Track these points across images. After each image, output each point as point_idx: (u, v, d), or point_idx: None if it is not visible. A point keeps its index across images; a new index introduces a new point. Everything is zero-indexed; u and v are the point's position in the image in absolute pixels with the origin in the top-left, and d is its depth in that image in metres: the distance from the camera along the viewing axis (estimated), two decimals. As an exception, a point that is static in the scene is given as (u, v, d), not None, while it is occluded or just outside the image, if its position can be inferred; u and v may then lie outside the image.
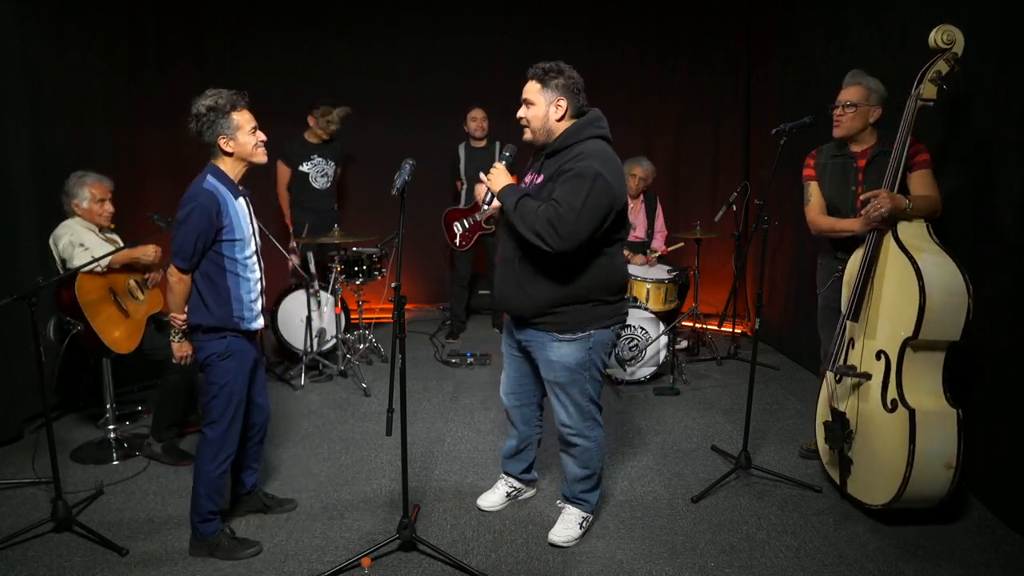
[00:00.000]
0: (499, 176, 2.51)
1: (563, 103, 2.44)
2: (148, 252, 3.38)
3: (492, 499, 2.95)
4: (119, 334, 3.26)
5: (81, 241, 3.24)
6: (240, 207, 2.51)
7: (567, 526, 2.70)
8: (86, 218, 3.36)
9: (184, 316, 2.53)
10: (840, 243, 3.09)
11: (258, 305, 2.61)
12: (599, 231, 2.35)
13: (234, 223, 2.47)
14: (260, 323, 2.63)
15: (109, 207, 3.42)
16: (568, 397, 2.57)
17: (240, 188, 2.54)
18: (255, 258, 2.60)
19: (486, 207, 2.55)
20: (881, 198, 2.67)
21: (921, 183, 2.82)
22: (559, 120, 2.46)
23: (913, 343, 2.61)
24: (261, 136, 2.57)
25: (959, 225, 3.06)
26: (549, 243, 2.30)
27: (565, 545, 2.66)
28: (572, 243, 2.29)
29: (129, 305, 3.36)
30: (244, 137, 2.50)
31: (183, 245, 2.40)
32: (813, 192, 3.17)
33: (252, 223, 2.59)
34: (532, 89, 2.46)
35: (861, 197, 2.82)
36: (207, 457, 2.53)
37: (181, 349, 2.61)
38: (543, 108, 2.45)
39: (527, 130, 2.52)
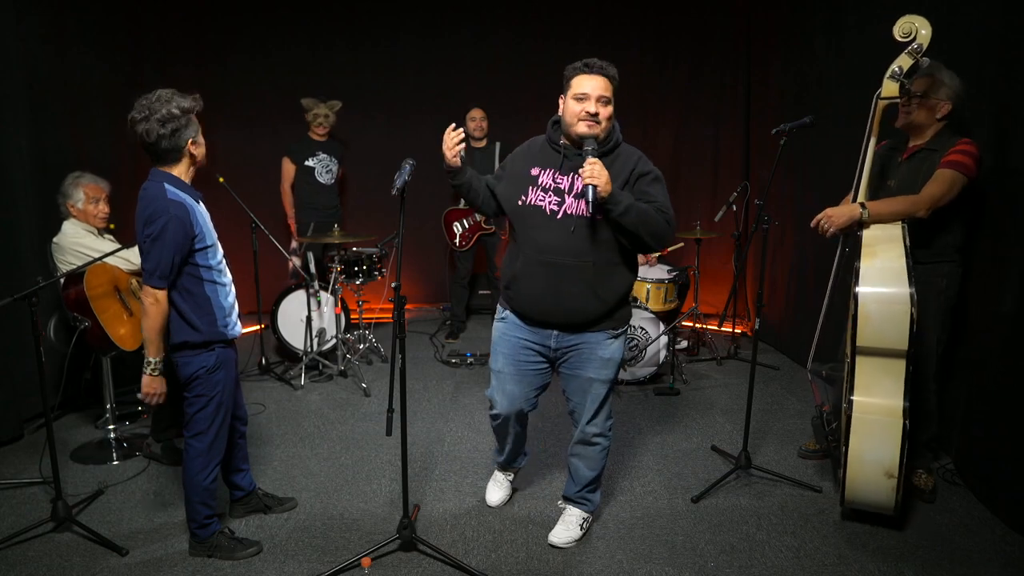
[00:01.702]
0: (607, 175, 2.27)
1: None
2: None
3: (498, 495, 2.98)
4: (124, 331, 3.27)
5: (85, 246, 3.29)
6: (204, 211, 2.43)
7: (568, 527, 2.71)
8: (81, 219, 3.37)
9: (159, 348, 2.36)
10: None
11: (236, 309, 2.56)
12: None
13: (204, 230, 2.38)
14: (240, 328, 2.57)
15: (104, 208, 3.43)
16: (605, 396, 2.60)
17: (197, 192, 2.45)
18: (225, 261, 2.52)
19: (591, 201, 2.26)
20: (821, 224, 2.73)
21: (933, 180, 2.68)
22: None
23: (858, 348, 2.57)
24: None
25: (964, 230, 3.05)
26: (664, 242, 2.44)
27: (566, 546, 2.66)
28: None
29: (132, 304, 3.37)
30: (201, 138, 2.40)
31: (160, 263, 2.26)
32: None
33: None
34: (609, 89, 2.38)
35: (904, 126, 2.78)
36: (197, 467, 2.49)
37: (153, 385, 2.39)
38: (611, 106, 2.40)
39: (595, 127, 2.36)
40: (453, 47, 5.95)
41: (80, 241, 3.33)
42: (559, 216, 2.42)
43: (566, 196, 2.41)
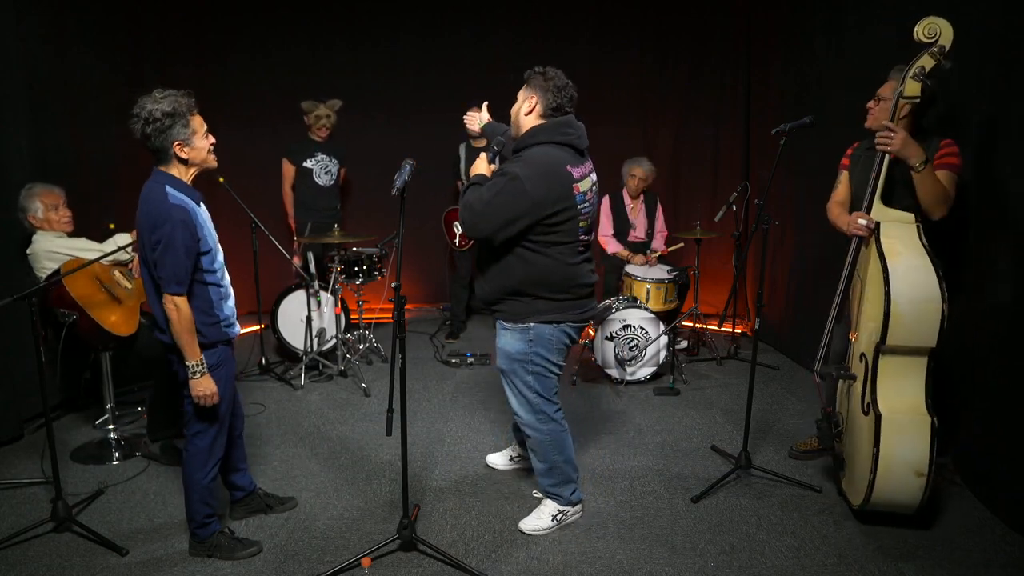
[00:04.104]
0: (479, 164, 2.67)
1: (533, 100, 2.57)
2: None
3: (498, 459, 3.27)
4: (116, 319, 3.25)
5: (59, 246, 3.30)
6: (204, 214, 2.42)
7: (538, 517, 2.79)
8: (46, 228, 3.38)
9: (195, 350, 2.35)
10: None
11: (235, 311, 2.56)
12: (511, 228, 2.46)
13: (205, 233, 2.37)
14: (239, 328, 2.58)
15: (65, 212, 3.43)
16: (512, 385, 2.71)
17: (197, 193, 2.44)
18: (223, 263, 2.52)
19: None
20: (896, 134, 2.58)
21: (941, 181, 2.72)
22: (527, 115, 2.59)
23: (883, 348, 2.57)
24: (212, 139, 2.44)
25: (959, 226, 3.05)
26: (464, 226, 2.54)
27: (532, 534, 2.74)
28: (477, 232, 2.50)
29: (118, 292, 3.36)
30: (199, 142, 2.36)
31: (176, 269, 2.25)
32: (841, 181, 3.13)
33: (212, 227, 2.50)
34: (520, 90, 2.64)
35: (876, 125, 2.71)
36: (197, 465, 2.50)
37: (201, 386, 2.36)
38: (519, 105, 2.62)
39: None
40: (453, 47, 5.94)
41: (53, 242, 3.33)
42: None
43: None
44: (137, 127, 2.29)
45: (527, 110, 2.57)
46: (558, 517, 2.78)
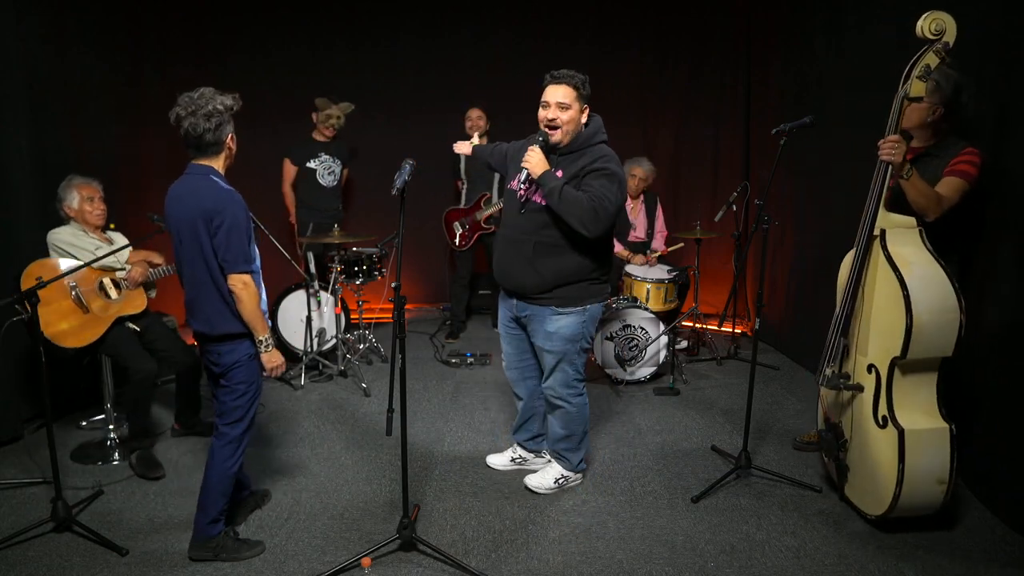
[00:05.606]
0: (538, 159, 2.70)
1: (586, 110, 2.78)
2: (155, 257, 3.40)
3: (498, 460, 3.30)
4: (66, 327, 3.16)
5: (60, 239, 3.30)
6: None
7: (544, 476, 3.04)
8: (79, 220, 3.36)
9: (265, 325, 2.51)
10: None
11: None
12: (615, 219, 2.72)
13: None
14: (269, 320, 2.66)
15: (100, 206, 3.42)
16: (558, 366, 2.87)
17: None
18: None
19: (522, 186, 2.79)
20: (901, 146, 2.52)
21: (944, 184, 2.68)
22: (585, 123, 2.78)
23: (901, 363, 2.53)
24: None
25: (967, 227, 3.04)
26: (590, 229, 2.62)
27: (535, 489, 3.01)
28: (600, 231, 2.66)
29: (94, 301, 3.28)
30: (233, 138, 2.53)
31: (242, 248, 2.38)
32: None
33: None
34: (570, 95, 2.69)
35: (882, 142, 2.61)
36: (226, 455, 2.55)
37: (272, 359, 2.54)
38: (577, 113, 2.73)
39: (558, 131, 2.71)
40: (453, 47, 5.95)
41: (62, 237, 3.32)
42: (522, 199, 2.81)
43: (531, 184, 2.77)
44: (197, 122, 2.35)
45: (584, 120, 2.77)
46: (560, 481, 3.01)
